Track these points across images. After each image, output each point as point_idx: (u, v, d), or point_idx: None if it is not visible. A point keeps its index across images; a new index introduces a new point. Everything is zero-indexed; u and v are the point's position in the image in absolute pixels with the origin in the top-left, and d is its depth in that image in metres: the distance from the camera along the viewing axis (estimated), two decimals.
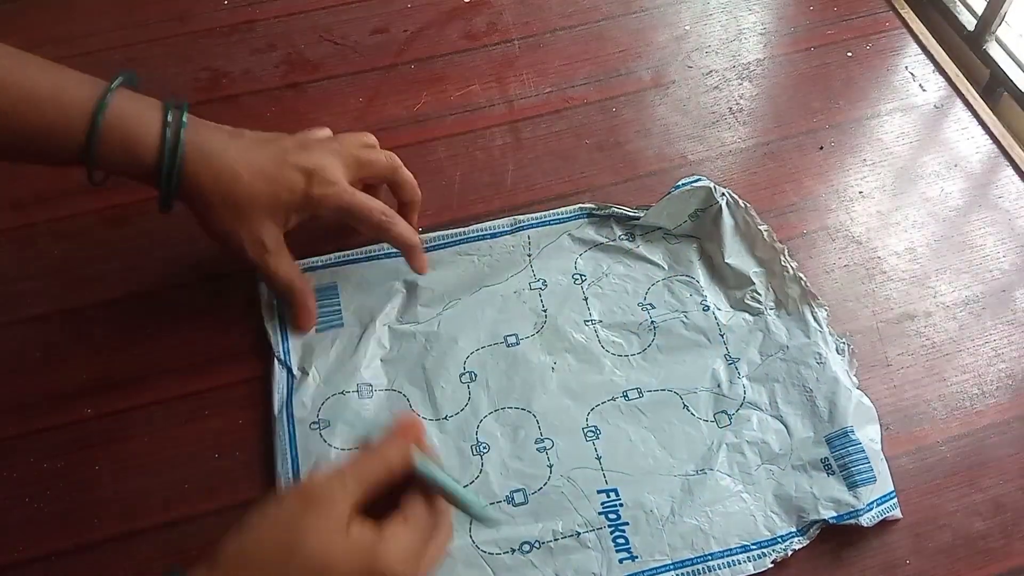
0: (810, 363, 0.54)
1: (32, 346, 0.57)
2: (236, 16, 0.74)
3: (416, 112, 0.68)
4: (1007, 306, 0.58)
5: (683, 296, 0.57)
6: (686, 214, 0.59)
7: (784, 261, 0.57)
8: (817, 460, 0.50)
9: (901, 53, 0.71)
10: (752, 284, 0.57)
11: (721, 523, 0.49)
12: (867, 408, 0.52)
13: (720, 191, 0.59)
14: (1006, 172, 0.64)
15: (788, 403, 0.53)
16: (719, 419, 0.53)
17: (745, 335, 0.56)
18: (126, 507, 0.51)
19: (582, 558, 0.48)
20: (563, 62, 0.71)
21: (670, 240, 0.60)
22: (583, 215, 0.61)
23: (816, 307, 0.56)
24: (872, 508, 0.49)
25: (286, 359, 0.55)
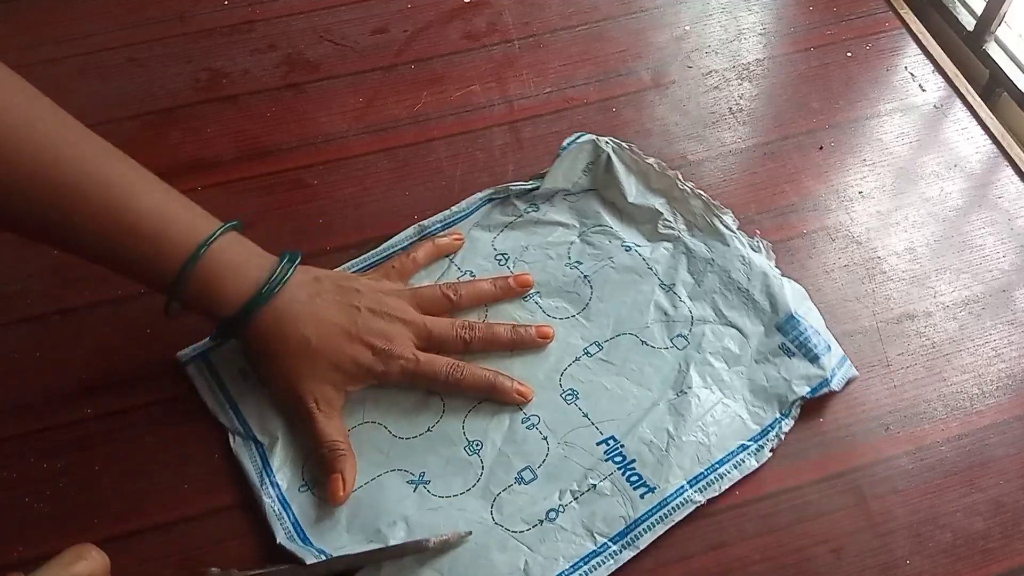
0: (737, 266, 0.57)
1: (32, 346, 0.57)
2: (236, 16, 0.74)
3: (416, 112, 0.68)
4: (1007, 306, 0.58)
5: (603, 245, 0.60)
6: (579, 170, 0.62)
7: (681, 185, 0.60)
8: (776, 348, 0.54)
9: (901, 53, 0.71)
10: (660, 214, 0.60)
11: (716, 432, 0.52)
12: (798, 290, 0.57)
13: (604, 140, 0.62)
14: (1006, 172, 0.64)
15: (731, 308, 0.56)
16: (677, 342, 0.55)
17: (671, 262, 0.59)
18: (126, 507, 0.51)
19: (606, 506, 0.50)
20: (563, 62, 0.71)
21: (572, 199, 0.62)
22: (483, 203, 0.62)
23: (723, 215, 0.59)
24: (836, 373, 0.53)
25: (246, 430, 0.53)
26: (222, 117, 0.68)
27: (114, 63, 0.71)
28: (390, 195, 0.63)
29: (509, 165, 0.65)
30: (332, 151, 0.66)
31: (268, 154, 0.66)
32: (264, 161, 0.66)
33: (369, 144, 0.66)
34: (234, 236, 0.52)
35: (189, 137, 0.67)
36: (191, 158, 0.66)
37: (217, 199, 0.63)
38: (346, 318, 0.52)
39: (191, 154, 0.66)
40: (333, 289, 0.53)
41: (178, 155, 0.66)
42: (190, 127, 0.68)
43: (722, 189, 0.63)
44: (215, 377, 0.55)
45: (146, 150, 0.66)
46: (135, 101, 0.69)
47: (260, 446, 0.52)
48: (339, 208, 0.63)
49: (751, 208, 0.62)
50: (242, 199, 0.64)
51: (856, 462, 0.52)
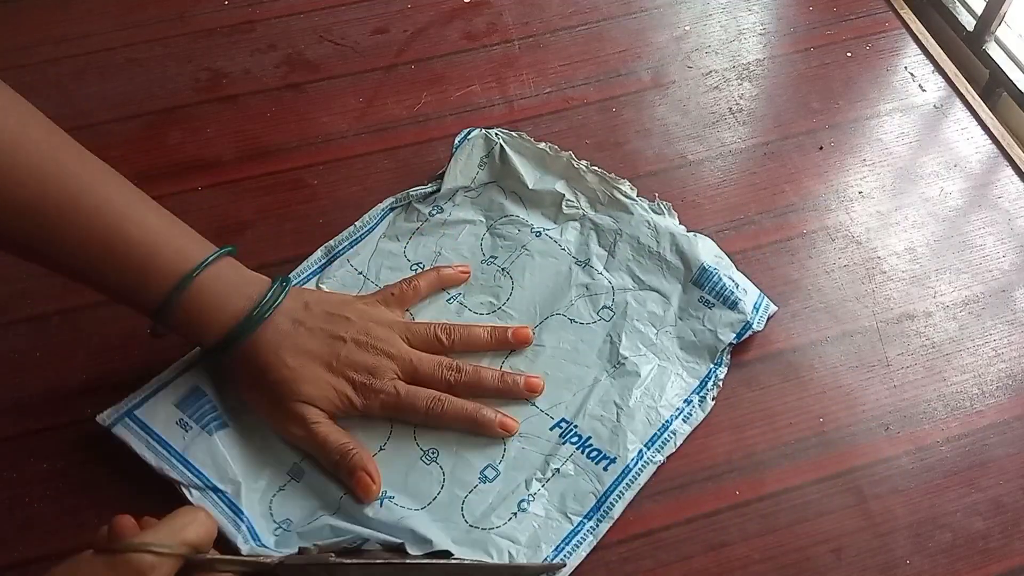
0: (644, 232, 0.59)
1: (32, 346, 0.57)
2: (236, 16, 0.74)
3: (416, 112, 0.68)
4: (1007, 306, 0.58)
5: (513, 235, 0.60)
6: (475, 165, 0.62)
7: (575, 164, 0.61)
8: (696, 302, 0.56)
9: (901, 53, 0.71)
10: (562, 196, 0.61)
11: (659, 393, 0.53)
12: (703, 239, 0.59)
13: (494, 131, 0.63)
14: (1006, 172, 0.64)
15: (647, 272, 0.58)
16: (603, 314, 0.57)
17: (581, 239, 0.60)
18: (126, 507, 0.51)
19: (573, 484, 0.51)
20: (563, 62, 0.71)
21: (473, 195, 0.62)
22: (386, 213, 0.62)
23: (619, 185, 0.61)
24: (757, 311, 0.56)
25: (203, 481, 0.50)
26: (222, 117, 0.68)
27: (114, 63, 0.71)
28: (390, 195, 0.63)
29: None
30: (332, 151, 0.66)
31: (268, 154, 0.66)
32: (264, 161, 0.66)
33: (369, 144, 0.66)
34: (225, 263, 0.51)
35: (189, 137, 0.67)
36: (191, 158, 0.66)
37: (217, 199, 0.63)
38: (328, 350, 0.52)
39: (191, 154, 0.66)
40: (322, 317, 0.52)
41: (178, 155, 0.66)
42: (190, 127, 0.68)
43: (722, 189, 0.63)
44: (151, 434, 0.52)
45: (146, 150, 0.67)
46: (135, 101, 0.69)
47: (224, 495, 0.50)
48: (339, 208, 0.63)
49: (751, 208, 0.62)
50: (242, 199, 0.64)
51: (856, 462, 0.52)
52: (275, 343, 0.51)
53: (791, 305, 0.58)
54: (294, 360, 0.51)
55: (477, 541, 0.49)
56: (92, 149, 0.65)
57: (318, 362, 0.51)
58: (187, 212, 0.62)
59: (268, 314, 0.51)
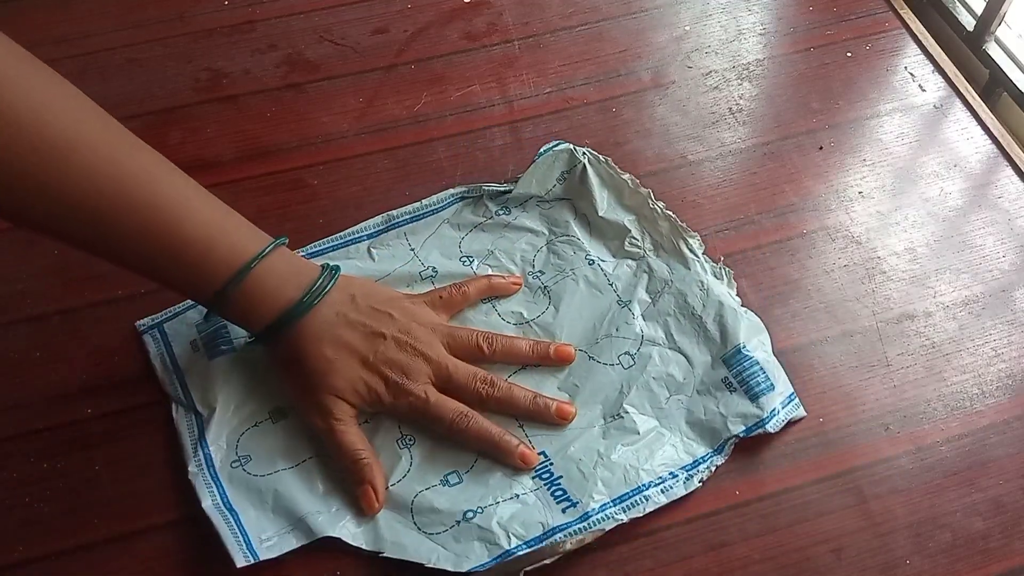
0: (695, 291, 0.57)
1: (32, 346, 0.57)
2: (236, 16, 0.74)
3: (416, 112, 0.68)
4: (1007, 306, 0.58)
5: (567, 255, 0.59)
6: (554, 178, 0.62)
7: (652, 204, 0.60)
8: (719, 381, 0.53)
9: (900, 53, 0.71)
10: (628, 231, 0.59)
11: (647, 456, 0.51)
12: (754, 322, 0.56)
13: (581, 150, 0.62)
14: (1006, 172, 0.64)
15: (682, 333, 0.55)
16: (623, 360, 0.55)
17: (631, 279, 0.58)
18: (126, 507, 0.51)
19: (526, 512, 0.50)
20: (563, 62, 0.71)
21: (544, 206, 0.62)
22: (456, 200, 0.62)
23: (689, 239, 0.59)
24: (776, 414, 0.52)
25: (188, 400, 0.53)
26: (222, 117, 0.68)
27: (114, 63, 0.71)
28: (390, 195, 0.63)
29: (509, 165, 0.65)
30: (332, 151, 0.66)
31: (268, 154, 0.66)
32: (264, 161, 0.66)
33: (369, 144, 0.66)
34: (278, 253, 0.51)
35: (189, 137, 0.67)
36: (191, 158, 0.66)
37: None
38: (367, 345, 0.52)
39: (191, 154, 0.66)
40: (366, 312, 0.53)
41: (178, 155, 0.65)
42: (190, 127, 0.68)
43: (722, 189, 0.63)
44: (167, 348, 0.55)
45: None
46: (135, 101, 0.69)
47: (199, 417, 0.53)
48: (339, 208, 0.63)
49: (751, 208, 0.62)
50: (242, 199, 0.63)
51: (856, 462, 0.52)
52: (317, 334, 0.51)
53: (791, 305, 0.58)
54: (332, 352, 0.51)
55: (411, 538, 0.49)
56: None
57: (355, 356, 0.52)
58: None
59: (315, 303, 0.51)
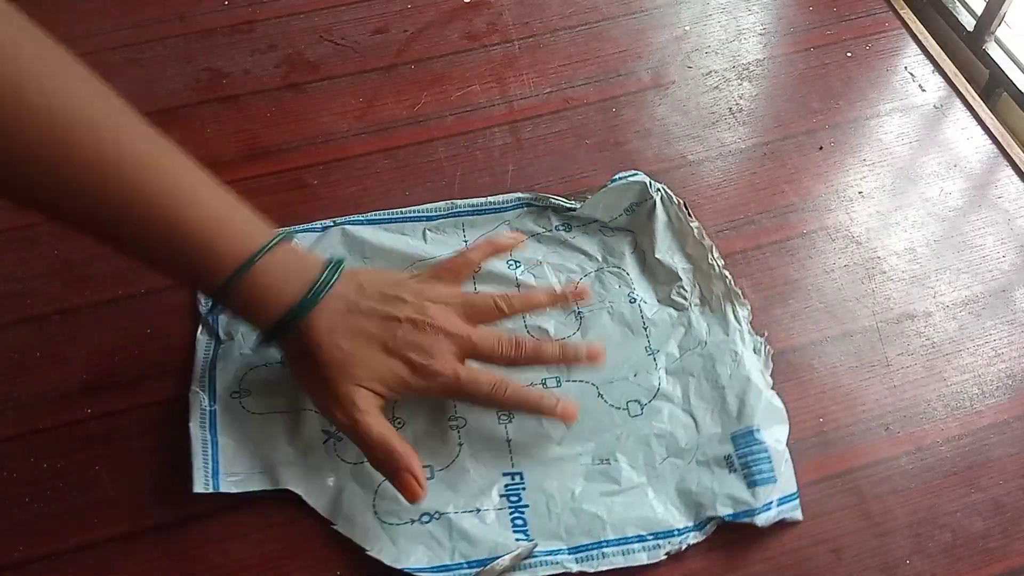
0: (726, 360, 0.54)
1: (32, 346, 0.57)
2: (236, 16, 0.74)
3: (416, 112, 0.68)
4: (1007, 306, 0.58)
5: (612, 287, 0.58)
6: (622, 208, 0.60)
7: (711, 259, 0.58)
8: (721, 457, 0.51)
9: (900, 53, 0.71)
10: (679, 280, 0.57)
11: (620, 512, 0.49)
12: (777, 409, 0.52)
13: (656, 187, 0.60)
14: (1006, 172, 0.64)
15: (700, 398, 0.53)
16: (631, 407, 0.53)
17: (667, 329, 0.56)
18: (126, 507, 0.51)
19: (481, 531, 0.49)
20: (563, 62, 0.71)
21: (606, 232, 0.61)
22: (520, 205, 0.61)
23: (738, 306, 0.56)
24: (770, 508, 0.49)
25: (214, 322, 0.56)
26: (222, 117, 0.68)
27: (114, 63, 0.71)
28: (390, 195, 0.63)
29: (509, 165, 0.65)
30: (332, 151, 0.66)
31: (268, 154, 0.66)
32: (264, 161, 0.66)
33: (369, 144, 0.66)
34: (284, 247, 0.50)
35: (189, 137, 0.67)
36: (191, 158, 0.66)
37: None
38: (384, 331, 0.50)
39: (191, 154, 0.65)
40: (377, 298, 0.51)
41: None
42: (190, 127, 0.68)
43: (722, 189, 0.63)
44: None
45: None
46: (135, 101, 0.68)
47: (218, 342, 0.55)
48: (339, 208, 0.63)
49: (751, 208, 0.62)
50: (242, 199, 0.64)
51: (856, 462, 0.52)
52: (329, 326, 0.50)
53: (791, 305, 0.58)
54: (348, 343, 0.50)
55: (364, 520, 0.49)
56: None
57: (374, 344, 0.50)
58: None
59: (321, 297, 0.50)
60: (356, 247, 0.60)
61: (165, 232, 0.47)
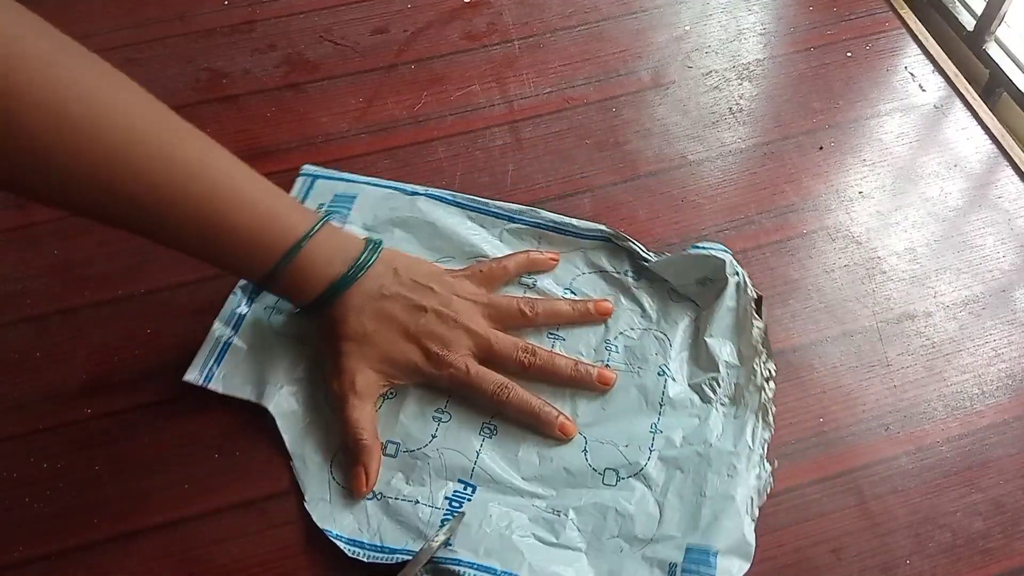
0: (721, 471, 0.50)
1: (32, 346, 0.57)
2: (236, 16, 0.74)
3: (416, 112, 0.68)
4: (1007, 306, 0.58)
5: (648, 354, 0.55)
6: (694, 278, 0.57)
7: (757, 365, 0.53)
8: (666, 562, 0.48)
9: (901, 53, 0.71)
10: (718, 372, 0.53)
11: (543, 561, 0.48)
12: (747, 544, 0.48)
13: (735, 269, 0.56)
14: (1006, 172, 0.64)
15: (678, 496, 0.50)
16: (607, 475, 0.51)
17: (682, 415, 0.53)
18: (126, 507, 0.51)
19: (407, 522, 0.50)
20: (563, 62, 0.71)
21: (672, 296, 0.57)
22: (601, 237, 0.59)
23: (762, 426, 0.52)
24: None
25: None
26: (222, 117, 0.68)
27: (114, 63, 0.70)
28: None
29: (509, 165, 0.65)
30: (332, 151, 0.66)
31: (268, 154, 0.66)
32: (264, 161, 0.66)
33: (369, 144, 0.66)
34: (324, 230, 0.52)
35: None
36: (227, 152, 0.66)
37: None
38: (409, 317, 0.53)
39: None
40: (408, 285, 0.54)
41: None
42: None
43: (722, 189, 0.63)
44: None
45: None
46: None
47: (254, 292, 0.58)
48: None
49: (751, 208, 0.62)
50: None
51: (856, 462, 0.52)
52: (359, 305, 0.52)
53: (791, 305, 0.58)
54: (372, 323, 0.52)
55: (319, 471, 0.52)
56: None
57: (396, 328, 0.53)
58: None
59: (360, 276, 0.52)
60: (423, 223, 0.61)
61: (212, 230, 0.48)
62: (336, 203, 0.62)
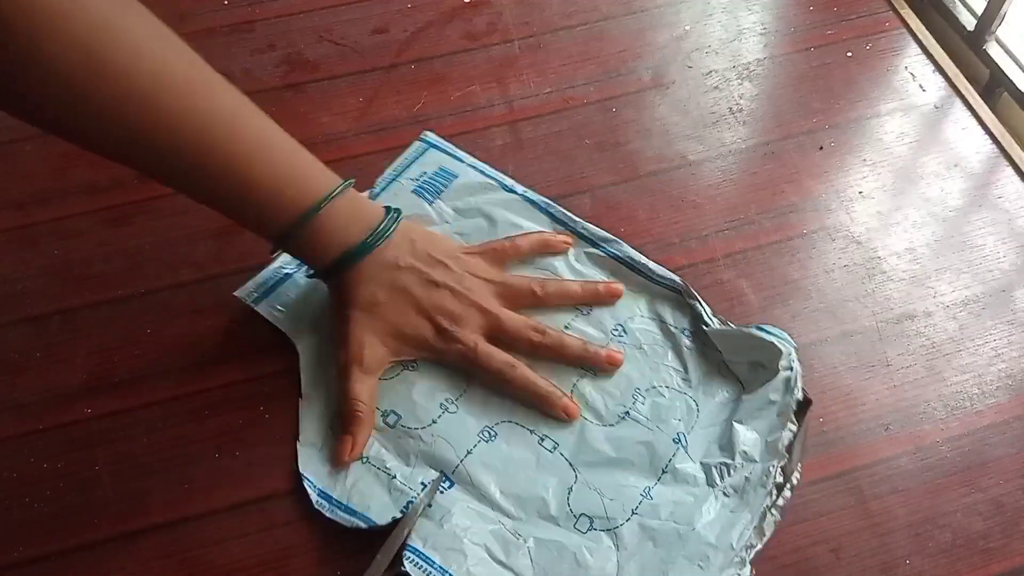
0: (692, 558, 0.48)
1: (32, 346, 0.57)
2: (236, 16, 0.74)
3: (416, 112, 0.68)
4: (1007, 306, 0.58)
5: (671, 417, 0.53)
6: (747, 359, 0.54)
7: (774, 467, 0.50)
8: None
9: (901, 53, 0.71)
10: (732, 460, 0.50)
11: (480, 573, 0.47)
12: None
13: (790, 364, 0.52)
14: (1006, 172, 0.64)
15: (639, 567, 0.48)
16: (581, 520, 0.50)
17: (679, 490, 0.50)
18: (126, 507, 0.51)
19: (378, 494, 0.50)
20: (563, 62, 0.71)
21: (722, 368, 0.54)
22: (672, 288, 0.57)
23: (752, 533, 0.48)
24: None
25: None
26: None
27: None
28: None
29: (509, 165, 0.65)
30: (332, 151, 0.66)
31: None
32: None
33: (369, 144, 0.66)
34: (345, 196, 0.52)
35: None
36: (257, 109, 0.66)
37: None
38: (422, 291, 0.53)
39: None
40: (424, 259, 0.54)
41: None
42: None
43: (722, 189, 0.63)
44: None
45: None
46: None
47: None
48: None
49: (751, 208, 0.62)
50: None
51: (856, 462, 0.52)
52: (374, 275, 0.53)
53: (791, 305, 0.58)
54: (385, 294, 0.53)
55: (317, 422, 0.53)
56: None
57: (408, 301, 0.53)
58: (188, 212, 0.62)
59: (378, 244, 0.53)
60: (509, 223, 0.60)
61: (235, 185, 0.49)
62: (436, 177, 0.63)
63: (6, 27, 0.39)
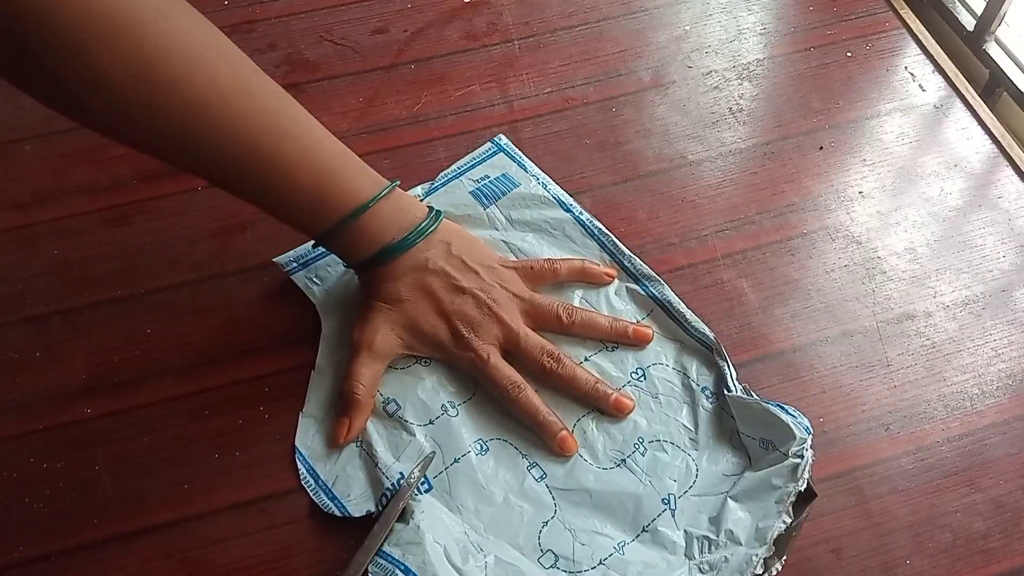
0: None
1: (32, 346, 0.57)
2: (236, 16, 0.74)
3: (416, 112, 0.68)
4: (1007, 306, 0.58)
5: (667, 475, 0.51)
6: (759, 435, 0.51)
7: (756, 557, 0.47)
8: None
9: (901, 53, 0.71)
10: (716, 537, 0.48)
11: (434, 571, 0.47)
12: None
13: (801, 452, 0.49)
14: (1006, 172, 0.64)
15: None
16: (546, 556, 0.49)
17: (653, 553, 0.48)
18: (126, 507, 0.51)
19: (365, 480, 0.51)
20: (563, 62, 0.71)
21: (733, 438, 0.52)
22: (703, 342, 0.55)
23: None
24: None
25: None
26: None
27: None
28: None
29: None
30: None
31: None
32: None
33: (369, 144, 0.66)
34: (392, 196, 0.53)
35: None
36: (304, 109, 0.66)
37: (218, 199, 0.63)
38: (446, 295, 0.54)
39: None
40: (456, 264, 0.55)
41: None
42: None
43: (722, 189, 0.63)
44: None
45: None
46: None
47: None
48: None
49: (751, 208, 0.62)
50: None
51: (856, 462, 0.52)
52: (402, 271, 0.54)
53: (791, 305, 0.58)
54: (408, 292, 0.54)
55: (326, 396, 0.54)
56: (94, 150, 0.65)
57: (430, 301, 0.54)
58: (188, 212, 0.62)
59: (414, 244, 0.54)
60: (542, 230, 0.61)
61: (280, 188, 0.50)
62: (497, 182, 0.63)
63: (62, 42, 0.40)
